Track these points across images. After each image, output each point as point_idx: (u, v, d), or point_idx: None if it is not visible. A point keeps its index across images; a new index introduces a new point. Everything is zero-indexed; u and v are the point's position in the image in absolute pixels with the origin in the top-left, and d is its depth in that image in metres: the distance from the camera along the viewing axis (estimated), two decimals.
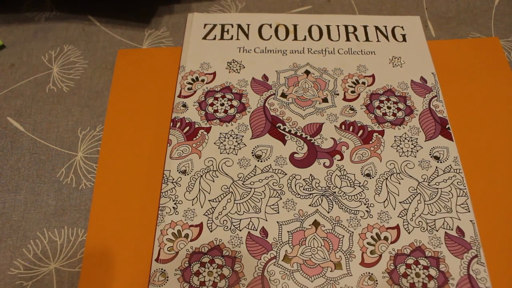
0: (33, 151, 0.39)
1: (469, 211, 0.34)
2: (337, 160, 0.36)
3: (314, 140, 0.37)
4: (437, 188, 0.35)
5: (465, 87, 0.41)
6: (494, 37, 0.44)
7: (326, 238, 0.33)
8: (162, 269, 0.32)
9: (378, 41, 0.43)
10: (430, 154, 0.36)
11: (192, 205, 0.34)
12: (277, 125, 0.38)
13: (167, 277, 0.31)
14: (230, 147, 0.37)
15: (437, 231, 0.33)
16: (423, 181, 0.35)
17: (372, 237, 0.33)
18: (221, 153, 0.36)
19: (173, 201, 0.34)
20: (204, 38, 0.43)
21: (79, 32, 0.46)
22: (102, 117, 0.40)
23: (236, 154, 0.36)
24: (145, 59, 0.43)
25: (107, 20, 0.47)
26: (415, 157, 0.36)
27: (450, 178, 0.35)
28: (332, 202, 0.34)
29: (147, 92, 0.41)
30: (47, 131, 0.40)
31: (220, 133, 0.37)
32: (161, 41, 0.45)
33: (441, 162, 0.36)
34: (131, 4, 0.47)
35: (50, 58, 0.44)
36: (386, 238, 0.33)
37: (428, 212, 0.34)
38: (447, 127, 0.38)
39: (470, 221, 0.33)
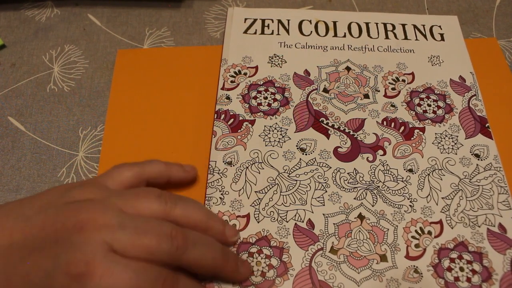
0: (34, 150, 0.39)
1: (511, 209, 0.34)
2: (380, 155, 0.37)
3: (357, 135, 0.38)
4: (478, 185, 0.36)
5: None
6: (492, 38, 0.45)
7: (371, 231, 0.33)
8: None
9: (416, 39, 0.44)
10: (470, 152, 0.37)
11: (239, 195, 0.35)
12: (320, 120, 0.38)
13: None
14: (275, 140, 0.37)
15: (479, 227, 0.34)
16: (464, 178, 0.36)
17: (416, 231, 0.34)
18: (266, 146, 0.37)
19: (220, 191, 0.35)
20: (245, 32, 0.44)
21: (80, 31, 0.46)
22: (103, 116, 0.40)
23: (281, 147, 0.37)
24: (144, 59, 0.43)
25: (108, 19, 0.47)
26: (456, 154, 0.37)
27: (490, 175, 0.36)
28: (376, 196, 0.35)
29: (147, 91, 0.41)
30: (48, 131, 0.40)
31: (265, 126, 0.38)
32: (162, 41, 0.45)
33: (481, 160, 0.37)
34: (132, 3, 0.48)
35: (51, 58, 0.44)
36: (429, 232, 0.34)
37: (470, 208, 0.34)
38: (486, 125, 0.38)
39: None
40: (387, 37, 0.44)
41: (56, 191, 0.29)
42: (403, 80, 0.41)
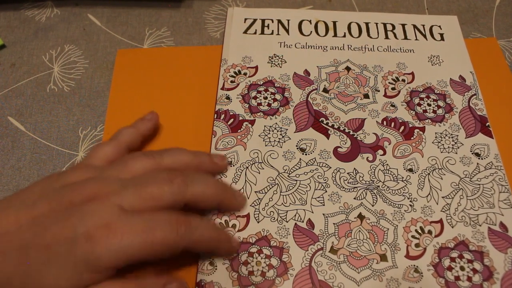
0: (34, 151, 0.39)
1: None
2: (380, 155, 0.37)
3: (357, 135, 0.38)
4: (479, 184, 0.35)
5: None
6: (492, 38, 0.45)
7: (371, 231, 0.33)
8: (210, 258, 0.32)
9: (416, 39, 0.44)
10: (471, 151, 0.37)
11: None
12: (320, 120, 0.38)
13: (216, 266, 0.32)
14: (274, 140, 0.37)
15: (480, 225, 0.34)
16: (465, 177, 0.36)
17: (416, 230, 0.34)
18: (266, 146, 0.37)
19: None
20: (245, 32, 0.44)
21: (80, 31, 0.46)
22: (103, 116, 0.40)
23: (281, 147, 0.37)
24: (144, 59, 0.43)
25: (108, 19, 0.47)
26: (456, 153, 0.37)
27: (491, 174, 0.36)
28: (376, 195, 0.35)
29: (147, 91, 0.41)
30: (48, 131, 0.40)
31: (265, 126, 0.38)
32: (162, 41, 0.45)
33: (482, 158, 0.37)
34: (132, 3, 0.48)
35: (51, 58, 0.44)
36: (430, 232, 0.33)
37: (471, 207, 0.34)
38: (487, 125, 0.38)
39: None
40: (387, 37, 0.44)
41: (49, 178, 0.31)
42: (403, 80, 0.41)
